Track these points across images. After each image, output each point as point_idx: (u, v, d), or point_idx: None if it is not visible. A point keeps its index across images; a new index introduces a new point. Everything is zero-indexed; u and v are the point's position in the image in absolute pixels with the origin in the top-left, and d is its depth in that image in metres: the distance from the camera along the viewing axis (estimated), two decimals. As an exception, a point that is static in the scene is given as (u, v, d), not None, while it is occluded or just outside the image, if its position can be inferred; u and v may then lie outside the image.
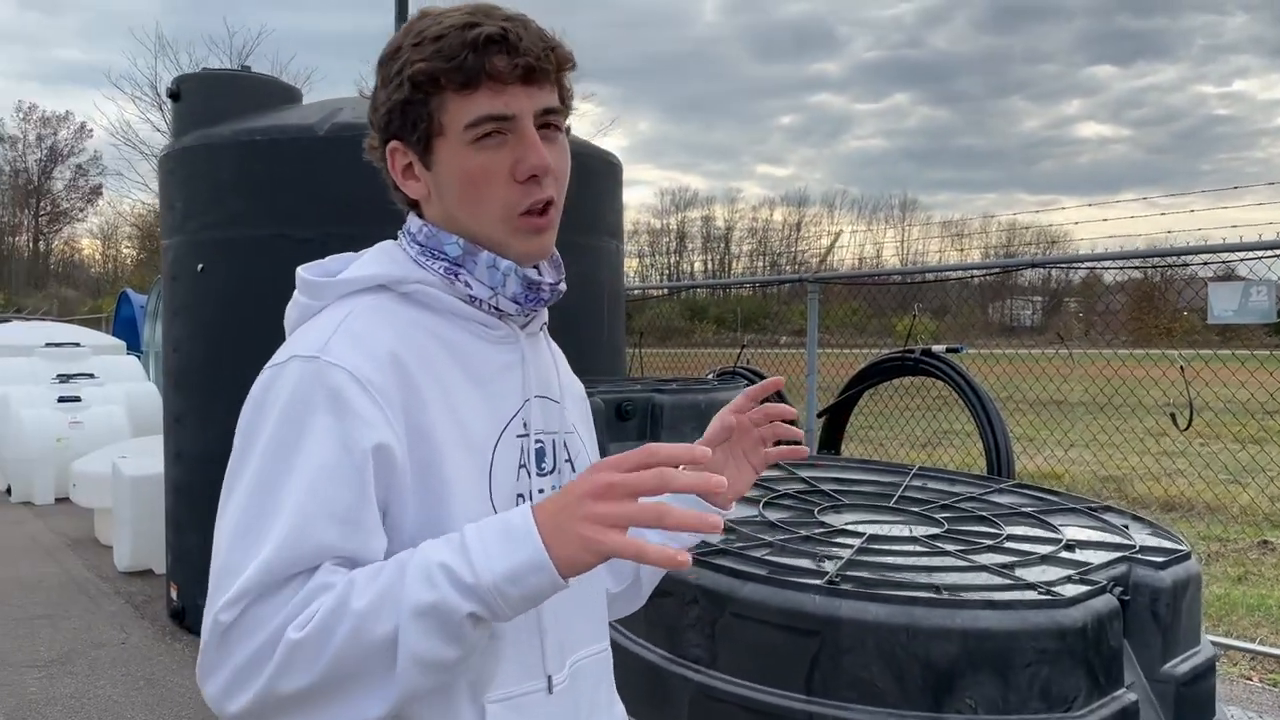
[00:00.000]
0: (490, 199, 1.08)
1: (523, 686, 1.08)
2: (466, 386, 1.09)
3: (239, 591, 0.93)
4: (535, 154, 1.07)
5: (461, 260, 1.12)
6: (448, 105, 1.07)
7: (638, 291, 11.57)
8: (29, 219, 56.63)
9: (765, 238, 57.12)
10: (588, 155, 5.18)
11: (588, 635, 1.21)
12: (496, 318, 1.14)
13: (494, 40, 1.04)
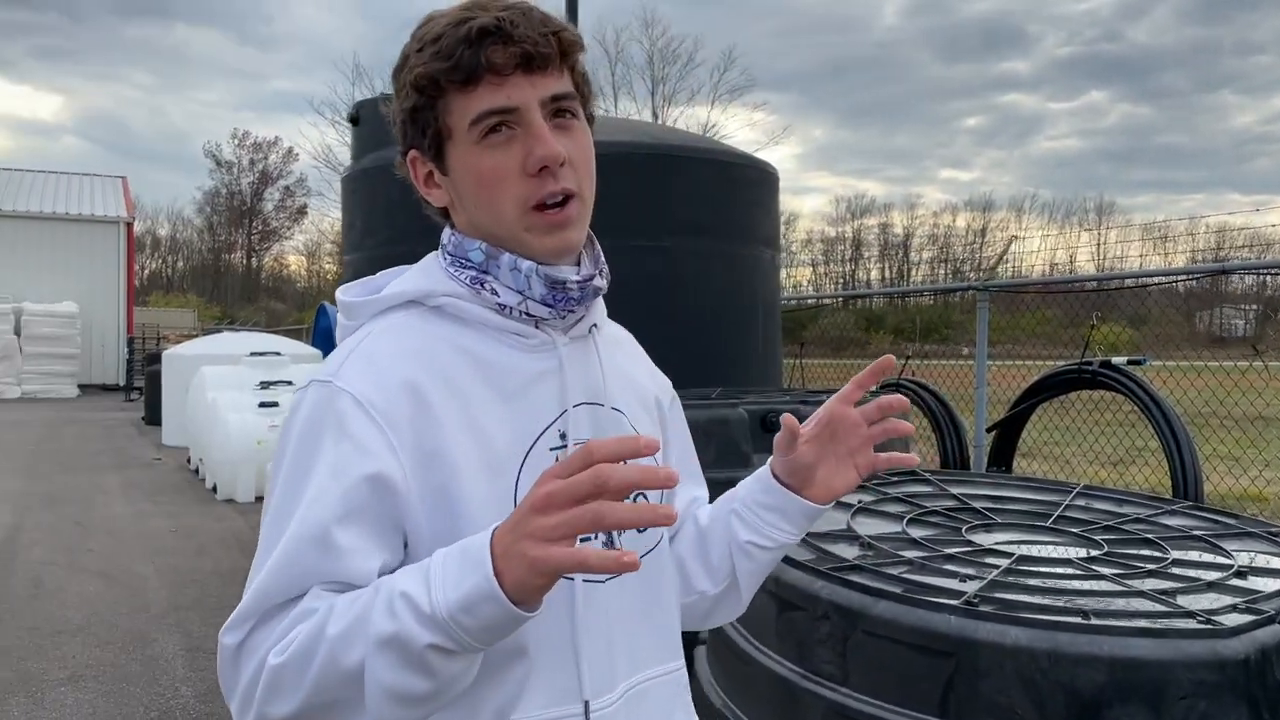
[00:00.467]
0: (504, 197, 1.05)
1: (554, 711, 1.03)
2: (492, 401, 1.05)
3: (238, 616, 0.96)
4: (543, 145, 1.03)
5: (486, 266, 1.08)
6: (452, 106, 1.04)
7: (794, 302, 11.40)
8: (243, 238, 61.17)
9: (947, 244, 55.30)
10: (741, 165, 5.16)
11: (652, 656, 1.14)
12: (531, 324, 1.09)
13: (489, 31, 1.01)
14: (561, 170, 1.04)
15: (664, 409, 1.31)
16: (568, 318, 1.11)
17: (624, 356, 1.25)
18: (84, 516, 8.59)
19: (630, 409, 1.19)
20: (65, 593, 6.02)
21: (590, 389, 1.13)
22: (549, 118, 1.05)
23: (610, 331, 1.26)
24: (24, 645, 5.02)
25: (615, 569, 0.83)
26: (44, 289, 27.06)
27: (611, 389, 1.16)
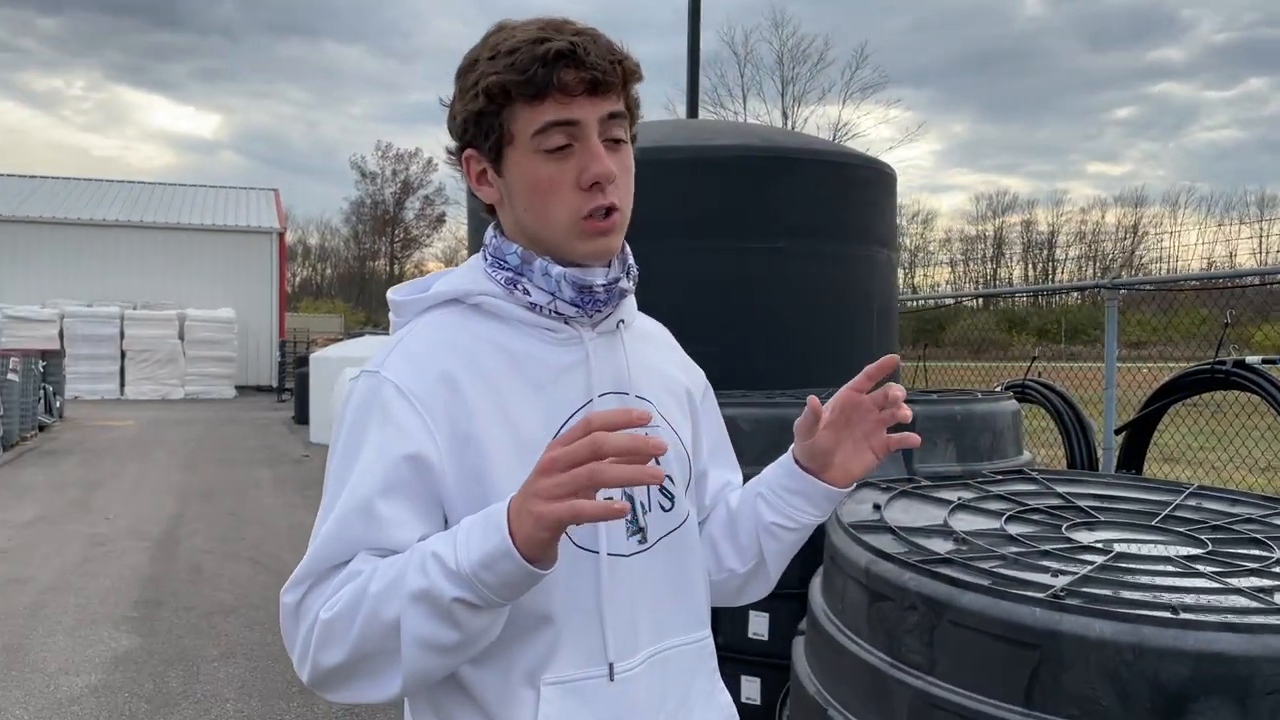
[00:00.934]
0: (557, 205, 1.14)
1: (581, 672, 1.12)
2: (523, 391, 1.15)
3: (296, 578, 1.09)
4: (598, 163, 1.13)
5: (520, 269, 1.18)
6: (518, 115, 1.13)
7: (912, 303, 11.22)
8: (386, 245, 63.52)
9: (1096, 242, 53.08)
10: (856, 165, 5.19)
11: (676, 626, 1.24)
12: (561, 321, 1.19)
13: (563, 55, 1.09)
14: (609, 187, 1.15)
15: (694, 399, 1.39)
16: (595, 315, 1.21)
17: (653, 350, 1.34)
18: (238, 508, 9.19)
19: (657, 398, 1.27)
20: (220, 579, 6.48)
21: (616, 379, 1.22)
22: (605, 136, 1.15)
23: (641, 326, 1.35)
24: (183, 624, 5.45)
25: (606, 516, 0.92)
26: (204, 296, 28.80)
27: (637, 379, 1.24)
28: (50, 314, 25.49)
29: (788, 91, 43.40)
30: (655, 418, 1.24)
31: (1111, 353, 5.97)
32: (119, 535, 7.87)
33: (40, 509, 9.05)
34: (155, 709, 4.21)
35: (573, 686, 1.12)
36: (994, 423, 3.74)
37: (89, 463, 12.53)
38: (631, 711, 1.16)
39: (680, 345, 1.48)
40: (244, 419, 19.75)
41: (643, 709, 1.18)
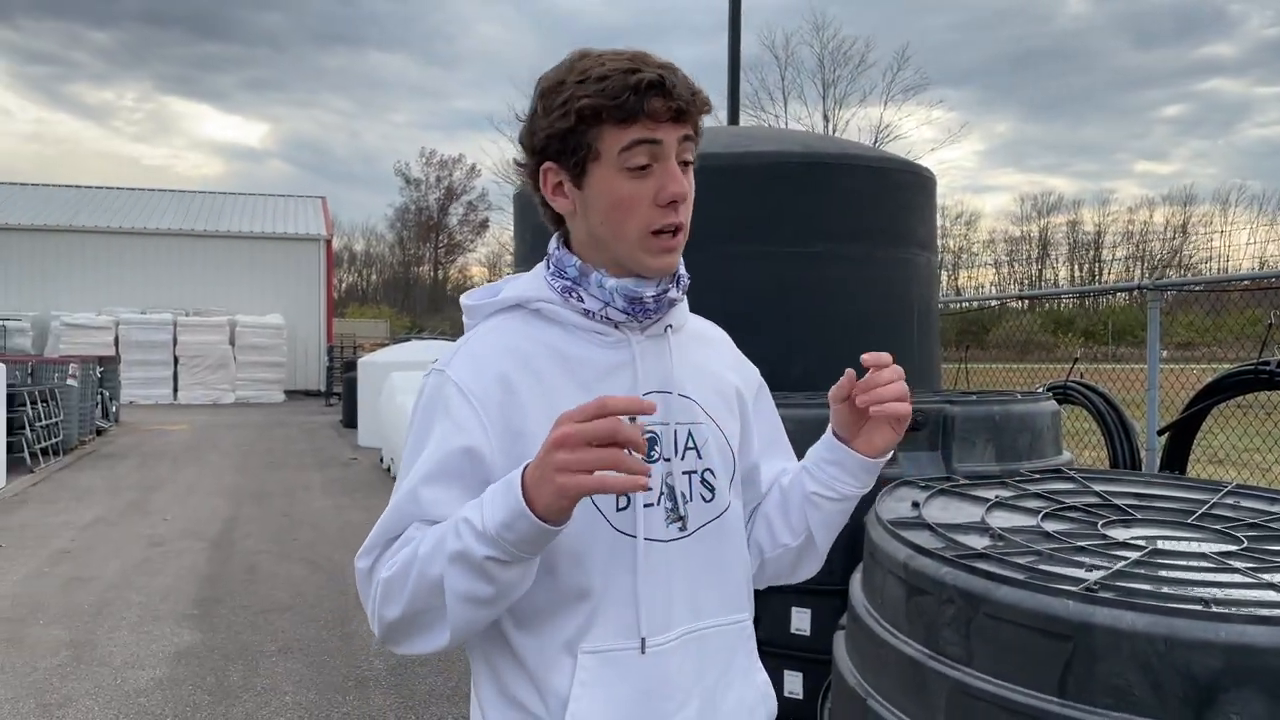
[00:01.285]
0: (633, 219, 1.25)
1: (615, 644, 1.24)
2: (571, 389, 1.26)
3: (366, 547, 1.24)
4: (676, 183, 1.24)
5: (577, 280, 1.30)
6: (605, 135, 1.23)
7: (952, 305, 11.19)
8: (430, 251, 64.15)
9: (1143, 241, 52.27)
10: (895, 170, 5.25)
11: (716, 608, 1.34)
12: (611, 325, 1.31)
13: (653, 85, 1.20)
14: (681, 206, 1.26)
15: (745, 398, 1.48)
16: (644, 321, 1.32)
17: (704, 351, 1.44)
18: (290, 510, 9.40)
19: (702, 396, 1.37)
20: (275, 578, 6.66)
21: (662, 378, 1.32)
22: (680, 159, 1.27)
23: (695, 328, 1.46)
24: (241, 621, 5.63)
25: (631, 488, 1.04)
26: (254, 303, 29.36)
27: (682, 378, 1.34)
28: (106, 321, 26.13)
29: (829, 94, 43.31)
30: (699, 414, 1.35)
31: (1154, 354, 5.96)
32: (176, 536, 8.10)
33: (100, 510, 9.33)
34: (218, 701, 4.37)
35: (607, 656, 1.24)
36: (1032, 423, 3.78)
37: (145, 466, 12.86)
38: (663, 683, 1.26)
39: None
40: (293, 423, 20.11)
41: (675, 681, 1.28)
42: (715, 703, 1.33)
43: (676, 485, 1.32)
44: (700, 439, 1.34)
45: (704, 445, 1.34)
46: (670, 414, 1.32)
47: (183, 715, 4.20)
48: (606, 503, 1.26)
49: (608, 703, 1.24)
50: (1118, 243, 53.11)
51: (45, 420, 12.78)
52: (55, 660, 4.91)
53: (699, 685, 1.31)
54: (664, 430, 1.31)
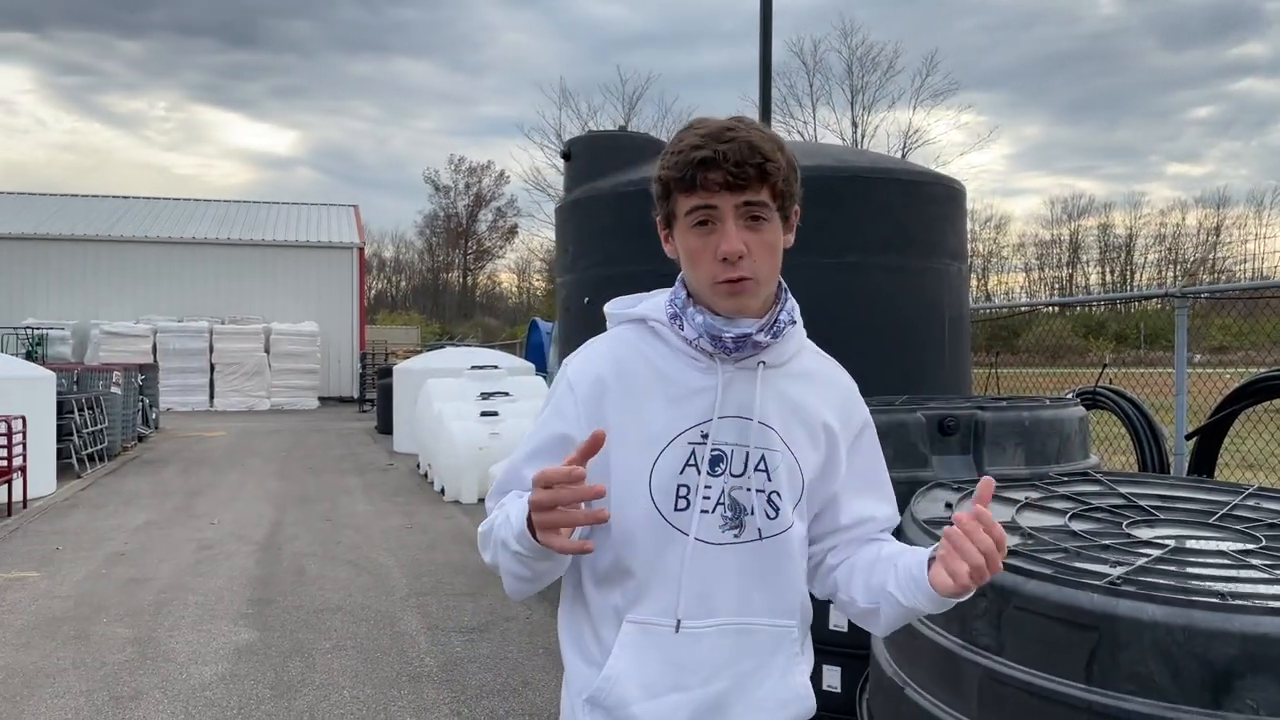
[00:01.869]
0: (701, 268, 1.48)
1: (654, 619, 1.49)
2: (658, 400, 1.51)
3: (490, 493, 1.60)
4: (728, 243, 1.44)
5: (682, 309, 1.53)
6: (678, 199, 1.48)
7: (1005, 309, 11.27)
8: (459, 257, 64.63)
9: (1176, 245, 51.81)
10: (927, 183, 5.40)
11: (763, 609, 1.52)
12: (705, 354, 1.52)
13: (705, 161, 1.42)
14: (740, 261, 1.45)
15: (835, 434, 1.60)
16: (734, 354, 1.51)
17: (802, 387, 1.59)
18: (333, 514, 9.64)
19: (784, 427, 1.54)
20: (324, 580, 6.88)
21: (741, 406, 1.52)
22: (743, 218, 1.45)
23: (807, 367, 1.61)
24: (294, 620, 5.84)
25: (575, 551, 1.33)
26: (288, 310, 29.81)
27: (766, 409, 1.52)
28: (144, 329, 26.62)
29: (857, 100, 43.34)
30: (776, 441, 1.53)
31: (1181, 360, 6.07)
32: (224, 539, 8.35)
33: (149, 515, 9.61)
34: (279, 695, 4.58)
35: (645, 627, 1.49)
36: (1061, 428, 3.93)
37: (188, 471, 13.17)
38: (691, 659, 1.49)
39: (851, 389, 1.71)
40: (329, 429, 20.42)
41: (704, 660, 1.50)
42: (747, 688, 1.52)
43: (740, 499, 1.51)
44: (772, 464, 1.52)
45: (775, 470, 1.52)
46: (748, 438, 1.51)
47: (247, 709, 4.41)
48: (666, 503, 1.49)
49: (639, 664, 1.49)
50: (1149, 246, 52.66)
51: (91, 427, 13.12)
52: (122, 656, 5.15)
53: (732, 669, 1.51)
54: (735, 450, 1.51)
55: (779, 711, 1.55)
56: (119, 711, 4.38)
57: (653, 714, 1.49)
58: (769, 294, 1.53)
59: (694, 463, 1.49)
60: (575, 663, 1.57)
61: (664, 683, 1.49)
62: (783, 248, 1.54)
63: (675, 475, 1.49)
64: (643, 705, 1.49)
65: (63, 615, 5.96)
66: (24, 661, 5.06)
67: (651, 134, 9.10)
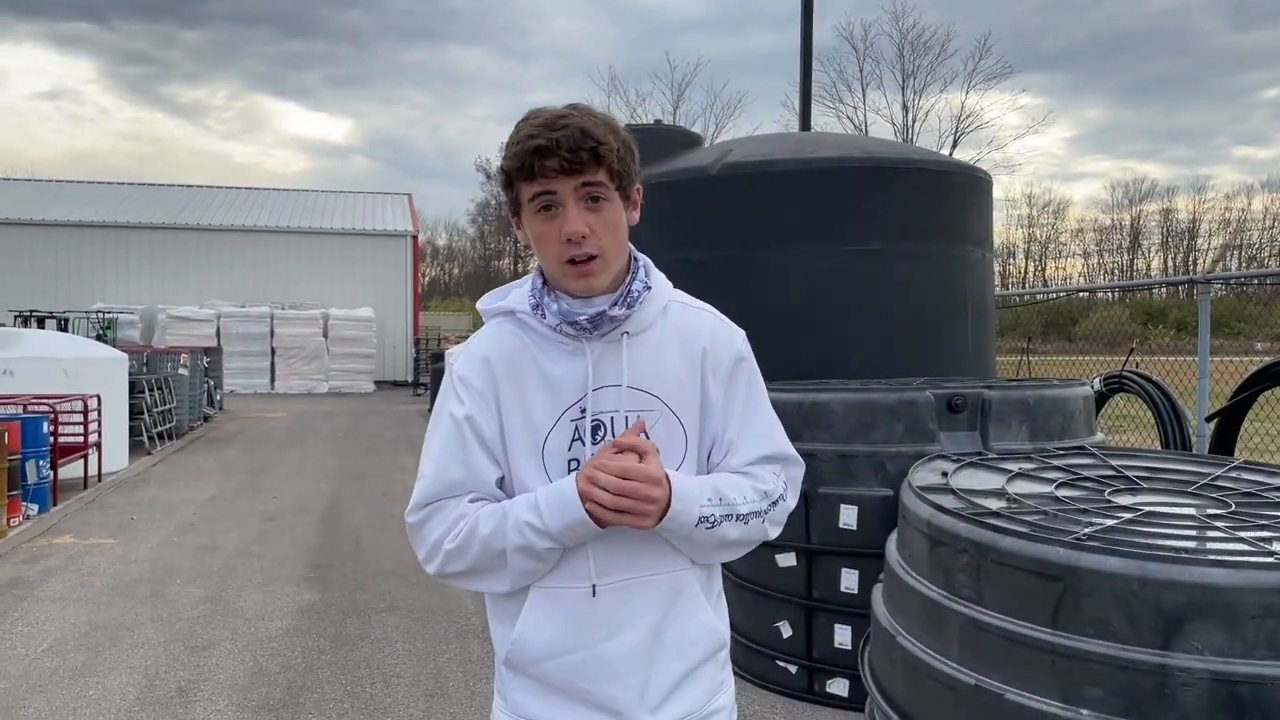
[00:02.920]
0: (549, 253, 1.56)
1: (564, 584, 1.57)
2: (536, 384, 1.58)
3: (411, 505, 1.60)
4: (569, 224, 1.51)
5: (541, 299, 1.61)
6: (521, 188, 1.55)
7: (1015, 298, 11.37)
8: (509, 245, 65.20)
9: (1241, 230, 50.76)
10: (953, 171, 5.62)
11: (654, 561, 1.59)
12: (570, 335, 1.58)
13: (541, 149, 1.49)
14: (585, 240, 1.52)
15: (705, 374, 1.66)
16: (595, 332, 1.58)
17: (672, 343, 1.65)
18: (387, 489, 10.08)
19: (656, 384, 1.61)
20: (379, 548, 7.29)
21: (613, 376, 1.59)
22: (583, 200, 1.53)
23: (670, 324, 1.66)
24: (352, 583, 6.25)
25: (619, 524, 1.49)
26: (345, 296, 30.52)
27: (636, 375, 1.59)
28: (208, 314, 27.48)
29: (908, 85, 43.05)
30: (653, 402, 1.61)
31: (1204, 344, 6.22)
32: (286, 512, 8.81)
33: (216, 489, 10.13)
34: (339, 647, 4.97)
35: (550, 591, 1.58)
36: (1065, 406, 4.16)
37: (251, 449, 13.74)
38: (597, 616, 1.57)
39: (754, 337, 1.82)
40: (384, 411, 21.00)
41: (609, 618, 1.58)
42: (658, 635, 1.60)
43: None
44: (650, 423, 1.59)
45: (652, 429, 1.59)
46: (620, 403, 1.58)
47: (309, 659, 4.80)
48: (559, 476, 1.56)
49: (546, 626, 1.58)
50: (1214, 231, 51.65)
51: (160, 406, 13.75)
52: (196, 613, 5.59)
53: (641, 620, 1.58)
54: (612, 417, 1.58)
55: (690, 650, 1.63)
56: (194, 659, 4.80)
57: (562, 670, 1.57)
58: (619, 269, 1.60)
59: (579, 436, 1.57)
60: (496, 629, 1.67)
61: (570, 640, 1.57)
62: (627, 224, 1.61)
63: (565, 451, 1.57)
64: (552, 663, 1.58)
65: (139, 577, 6.42)
66: (106, 617, 5.51)
67: (700, 119, 9.25)
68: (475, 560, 1.55)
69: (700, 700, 1.66)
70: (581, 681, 1.58)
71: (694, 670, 1.64)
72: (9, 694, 4.36)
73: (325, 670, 4.64)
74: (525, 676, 1.61)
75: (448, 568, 1.58)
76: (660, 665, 1.60)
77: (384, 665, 4.72)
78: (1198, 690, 2.35)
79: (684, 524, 1.54)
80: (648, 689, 1.59)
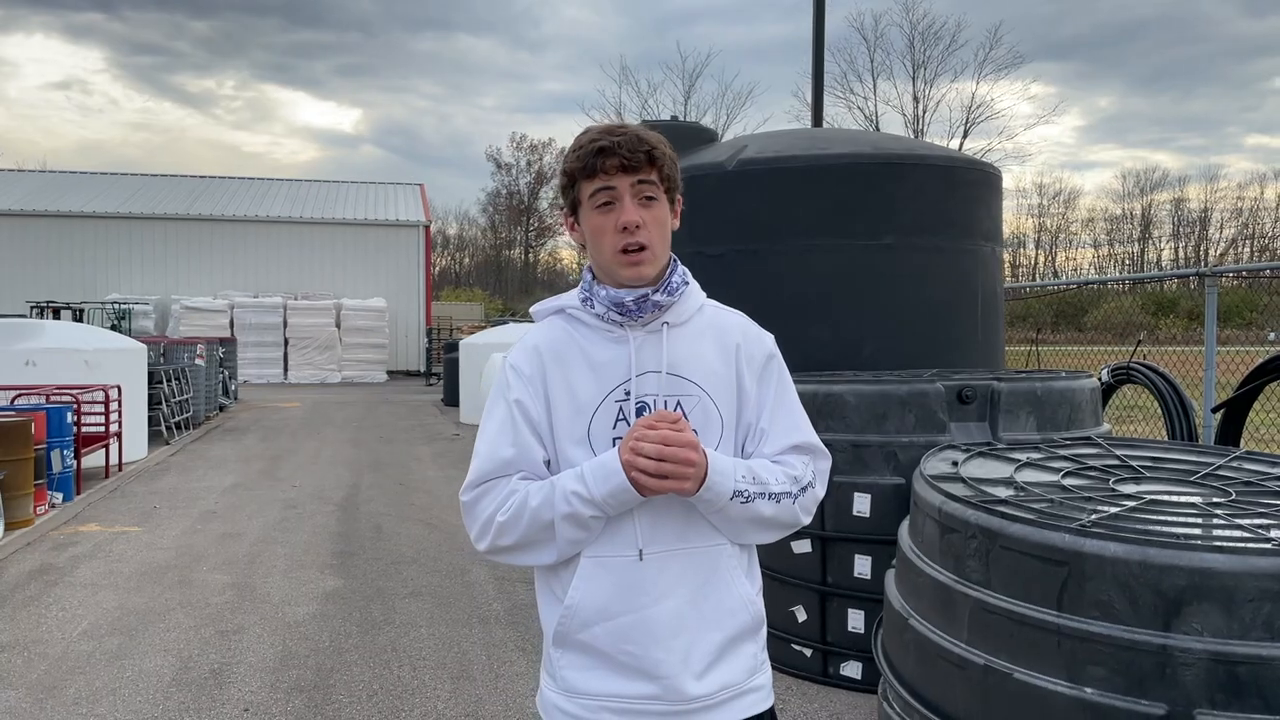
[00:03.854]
0: (605, 241, 1.71)
1: (613, 553, 1.69)
2: (584, 370, 1.73)
3: (466, 484, 1.75)
4: (627, 214, 1.68)
5: (591, 291, 1.76)
6: (581, 186, 1.73)
7: (1025, 288, 11.45)
8: (520, 234, 65.35)
9: (1254, 219, 50.59)
10: (963, 167, 5.71)
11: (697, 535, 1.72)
12: (616, 325, 1.74)
13: (603, 150, 1.68)
14: (639, 231, 1.69)
15: (739, 368, 1.81)
16: (640, 319, 1.74)
17: (709, 337, 1.80)
18: (405, 479, 10.24)
19: (694, 372, 1.75)
20: (399, 536, 7.44)
21: (654, 362, 1.73)
22: (638, 197, 1.70)
23: (706, 319, 1.82)
24: (375, 570, 6.40)
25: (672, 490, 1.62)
26: (358, 286, 30.72)
27: (676, 361, 1.74)
28: (221, 304, 27.68)
29: (919, 75, 42.98)
30: (691, 389, 1.75)
31: (1211, 336, 6.32)
32: (306, 500, 8.97)
33: (235, 478, 10.30)
34: (364, 631, 5.12)
35: (601, 560, 1.70)
36: (1072, 397, 4.27)
37: (268, 439, 13.91)
38: (644, 582, 1.68)
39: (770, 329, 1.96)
40: (397, 401, 21.17)
41: (655, 583, 1.69)
42: (697, 602, 1.71)
43: None
44: (689, 407, 1.73)
45: (691, 413, 1.73)
46: (661, 388, 1.73)
47: (337, 642, 4.95)
48: (604, 451, 1.69)
49: (596, 592, 1.69)
50: (1226, 220, 51.47)
51: (178, 397, 13.93)
52: (223, 598, 5.74)
53: (682, 587, 1.70)
54: (655, 400, 1.72)
55: (728, 620, 1.74)
56: (224, 643, 4.95)
57: (610, 634, 1.68)
58: (663, 264, 1.75)
59: (623, 417, 1.70)
60: (546, 609, 1.78)
61: (619, 605, 1.67)
62: (670, 229, 1.76)
63: (610, 430, 1.70)
64: (601, 626, 1.68)
65: (166, 564, 6.59)
66: (136, 603, 5.67)
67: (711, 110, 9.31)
68: (525, 531, 1.67)
69: (741, 675, 1.76)
70: (628, 644, 1.68)
71: (734, 642, 1.75)
72: (49, 674, 4.52)
73: (353, 654, 4.79)
74: (574, 650, 1.72)
75: (500, 540, 1.69)
76: (701, 633, 1.71)
77: (410, 649, 4.86)
78: (1197, 670, 2.46)
79: (720, 494, 1.66)
80: (690, 655, 1.69)
